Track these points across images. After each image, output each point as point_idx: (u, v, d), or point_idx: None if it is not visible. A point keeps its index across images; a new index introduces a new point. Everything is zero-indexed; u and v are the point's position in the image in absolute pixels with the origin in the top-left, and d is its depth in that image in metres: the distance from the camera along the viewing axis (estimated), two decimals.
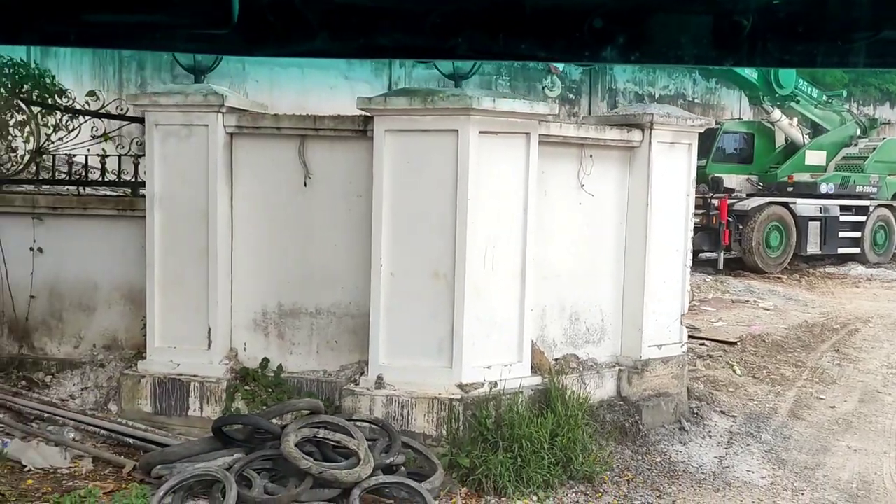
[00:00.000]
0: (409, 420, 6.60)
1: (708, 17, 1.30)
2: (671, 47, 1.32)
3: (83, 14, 1.17)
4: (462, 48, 1.31)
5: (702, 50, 1.31)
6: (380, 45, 1.32)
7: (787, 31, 1.29)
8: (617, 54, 1.31)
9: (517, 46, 1.32)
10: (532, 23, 1.30)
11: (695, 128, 7.94)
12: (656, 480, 6.73)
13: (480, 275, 6.74)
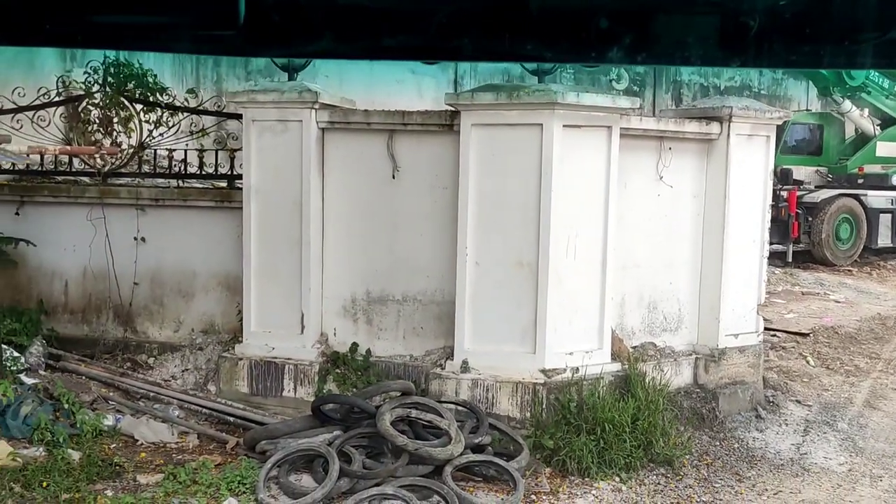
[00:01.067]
0: (493, 403, 6.87)
1: (714, 18, 1.29)
2: (678, 48, 1.32)
3: (90, 15, 1.18)
4: (467, 49, 1.32)
5: (708, 50, 1.31)
6: (385, 45, 1.30)
7: (794, 31, 1.29)
8: (623, 55, 1.32)
9: (523, 47, 1.32)
10: (537, 23, 1.29)
11: (773, 120, 8.04)
12: (735, 465, 6.89)
13: (563, 264, 6.97)
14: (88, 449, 6.34)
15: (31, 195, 8.08)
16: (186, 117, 8.07)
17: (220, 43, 1.29)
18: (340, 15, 1.28)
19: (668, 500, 6.17)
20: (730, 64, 1.39)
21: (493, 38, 1.32)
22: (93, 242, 8.03)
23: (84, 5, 1.18)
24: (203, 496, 5.69)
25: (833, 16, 1.29)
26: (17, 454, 6.07)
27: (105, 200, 7.98)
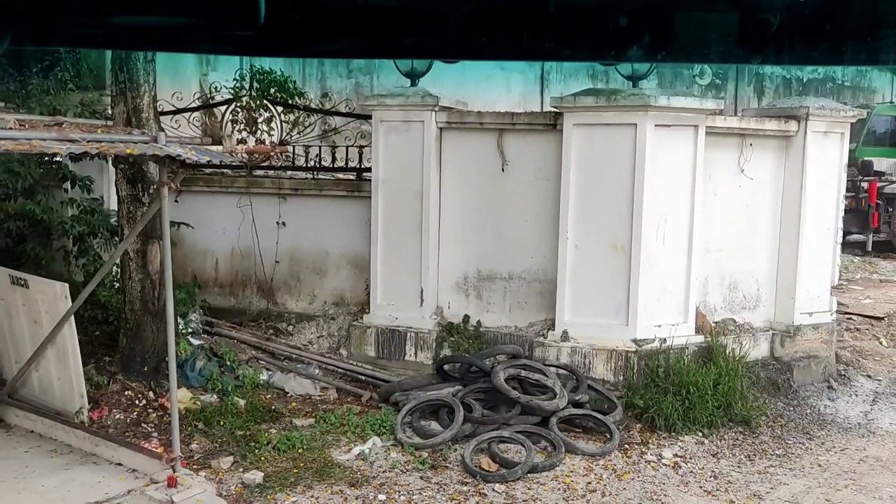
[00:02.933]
0: (590, 368, 7.89)
1: (734, 16, 1.30)
2: (697, 45, 1.33)
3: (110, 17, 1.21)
4: (487, 48, 1.33)
5: (728, 48, 1.32)
6: (404, 45, 1.35)
7: (815, 28, 1.29)
8: (643, 53, 1.34)
9: (542, 46, 1.33)
10: (556, 22, 1.29)
11: (847, 118, 8.81)
12: (806, 426, 7.76)
13: (653, 247, 7.92)
14: (250, 397, 7.61)
15: (187, 185, 9.34)
16: (321, 118, 9.27)
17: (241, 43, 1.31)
18: (360, 15, 1.29)
19: (744, 452, 7.10)
20: (749, 61, 1.46)
21: (512, 37, 1.32)
22: (240, 226, 9.31)
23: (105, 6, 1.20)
24: (352, 435, 6.89)
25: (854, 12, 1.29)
26: (197, 398, 7.38)
27: (251, 190, 9.26)
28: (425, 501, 5.91)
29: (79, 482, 5.91)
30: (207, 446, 6.68)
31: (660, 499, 6.14)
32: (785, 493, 6.33)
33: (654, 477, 6.53)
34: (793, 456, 7.11)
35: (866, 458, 7.11)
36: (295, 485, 6.01)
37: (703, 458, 6.93)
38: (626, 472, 6.56)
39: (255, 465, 6.28)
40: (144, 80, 7.14)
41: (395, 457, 6.56)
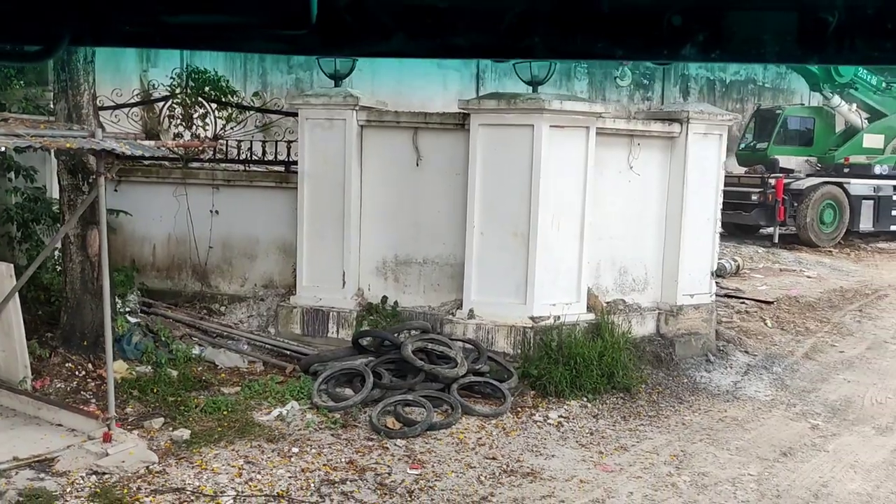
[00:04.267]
0: (492, 342, 8.81)
1: (791, 14, 1.27)
2: (753, 45, 1.29)
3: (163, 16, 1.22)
4: (538, 48, 1.31)
5: (785, 47, 1.29)
6: (455, 45, 1.33)
7: (876, 27, 1.25)
8: (696, 52, 1.30)
9: (594, 46, 1.31)
10: (609, 21, 1.28)
11: (725, 122, 9.88)
12: (680, 393, 8.80)
13: (549, 235, 8.88)
14: (182, 369, 8.37)
15: (126, 176, 10.08)
16: (252, 115, 10.04)
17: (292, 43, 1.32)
18: (411, 15, 1.29)
19: (621, 414, 8.10)
20: (807, 61, 1.35)
21: (564, 37, 1.31)
22: (176, 214, 10.04)
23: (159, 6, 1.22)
24: (273, 399, 7.72)
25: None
26: (133, 369, 8.12)
27: (187, 181, 9.99)
28: (333, 453, 6.77)
29: (23, 439, 6.63)
30: (141, 410, 7.44)
31: (539, 451, 7.09)
32: (648, 446, 7.33)
33: (537, 434, 7.48)
34: (662, 417, 8.13)
35: (725, 418, 8.17)
36: (218, 441, 6.82)
37: (584, 419, 7.91)
38: (514, 430, 7.51)
39: (183, 424, 7.07)
40: (84, 80, 7.83)
41: (311, 418, 7.41)
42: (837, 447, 7.46)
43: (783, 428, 7.96)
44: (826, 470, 6.91)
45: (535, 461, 6.88)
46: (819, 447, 7.45)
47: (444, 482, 6.40)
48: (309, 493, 6.09)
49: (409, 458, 6.81)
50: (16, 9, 1.24)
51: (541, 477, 6.58)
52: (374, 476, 6.42)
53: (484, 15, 1.30)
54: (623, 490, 6.39)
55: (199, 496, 5.92)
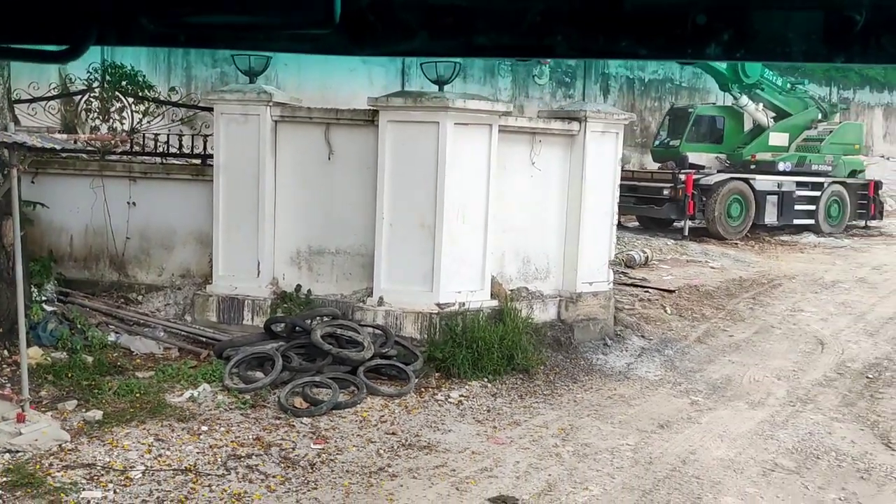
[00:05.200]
0: (401, 327, 9.28)
1: (818, 13, 1.25)
2: (778, 44, 1.28)
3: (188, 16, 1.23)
4: (560, 47, 1.31)
5: (811, 46, 1.27)
6: (478, 44, 1.32)
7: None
8: (721, 51, 1.29)
9: (616, 45, 1.30)
10: (632, 20, 1.27)
11: (621, 121, 10.53)
12: (576, 374, 9.42)
13: (455, 226, 9.39)
14: (98, 355, 8.65)
15: (44, 168, 10.24)
16: (168, 109, 10.31)
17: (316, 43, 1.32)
18: (434, 14, 1.29)
19: (518, 393, 8.67)
20: (833, 60, 1.32)
21: (586, 36, 1.30)
22: (93, 206, 10.24)
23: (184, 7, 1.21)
24: (185, 382, 8.07)
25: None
26: (48, 355, 8.37)
27: (104, 173, 10.20)
28: (242, 431, 7.17)
29: None
30: (55, 394, 7.72)
31: (437, 427, 7.60)
32: (539, 421, 7.91)
33: (438, 411, 7.99)
34: (557, 395, 8.73)
35: (614, 395, 8.81)
36: (130, 420, 7.16)
37: (483, 398, 8.45)
38: (416, 408, 8.01)
39: (96, 406, 7.38)
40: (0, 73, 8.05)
41: (221, 399, 7.79)
42: (710, 420, 8.15)
43: (665, 404, 8.63)
44: (696, 439, 7.58)
45: (432, 436, 7.39)
46: (694, 420, 8.13)
47: (345, 455, 6.86)
48: (216, 467, 6.48)
49: (314, 434, 7.25)
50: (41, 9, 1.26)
51: (436, 450, 7.09)
52: (279, 451, 6.84)
53: (506, 14, 1.31)
54: (511, 460, 6.94)
55: (109, 471, 6.27)
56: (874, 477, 6.99)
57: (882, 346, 11.18)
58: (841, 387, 9.49)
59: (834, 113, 23.37)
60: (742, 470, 6.96)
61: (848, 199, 22.24)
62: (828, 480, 6.87)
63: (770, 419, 8.25)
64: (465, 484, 6.44)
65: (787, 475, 6.92)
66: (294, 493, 6.17)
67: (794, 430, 7.95)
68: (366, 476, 6.50)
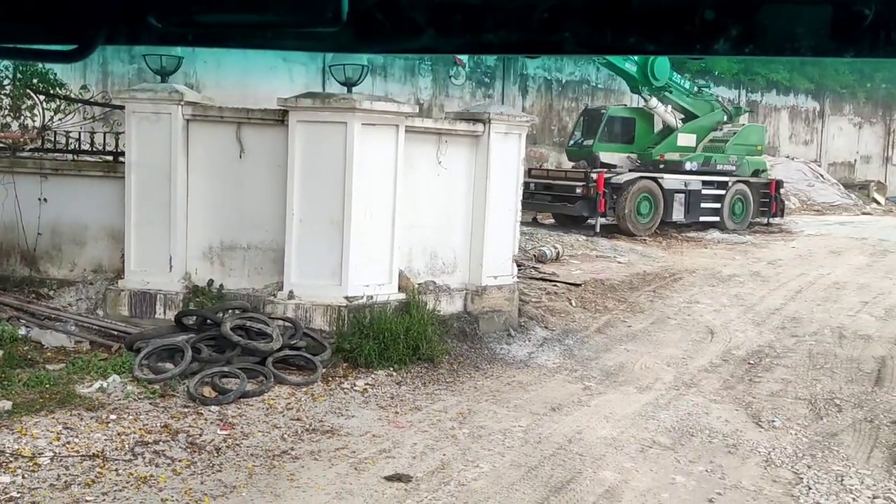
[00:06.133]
0: (310, 320, 9.64)
1: (826, 8, 1.24)
2: (787, 39, 1.27)
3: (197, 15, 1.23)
4: (569, 43, 1.30)
5: (820, 41, 1.26)
6: (486, 41, 1.32)
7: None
8: (730, 47, 1.29)
9: (625, 40, 1.30)
10: (640, 16, 1.27)
11: (523, 123, 11.08)
12: (479, 363, 9.92)
13: (362, 223, 9.78)
14: (8, 349, 8.76)
15: None
16: (80, 106, 10.43)
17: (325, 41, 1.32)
18: (441, 11, 1.29)
19: (422, 381, 9.11)
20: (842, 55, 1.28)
21: (594, 32, 1.29)
22: (3, 202, 10.30)
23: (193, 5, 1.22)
24: (95, 374, 8.27)
25: None
26: None
27: (14, 169, 10.27)
28: (150, 419, 7.43)
29: None
30: None
31: (341, 413, 7.99)
32: (439, 406, 8.37)
33: (343, 399, 8.38)
34: (459, 382, 9.20)
35: (513, 382, 9.33)
36: (39, 410, 7.35)
37: (388, 386, 8.87)
38: (322, 396, 8.38)
39: (5, 397, 7.54)
40: None
41: (131, 389, 8.02)
42: (599, 403, 8.74)
43: (560, 389, 9.19)
44: (584, 421, 8.15)
45: (336, 421, 7.78)
46: (584, 403, 8.71)
47: (251, 440, 7.19)
48: (123, 453, 6.74)
49: (221, 421, 7.56)
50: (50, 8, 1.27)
51: (339, 434, 7.48)
52: (186, 437, 7.13)
53: (514, 11, 1.30)
54: (409, 442, 7.38)
55: (17, 457, 6.47)
56: (740, 451, 7.64)
57: (766, 335, 12.00)
58: (724, 372, 10.20)
59: (739, 115, 24.53)
60: (622, 447, 7.54)
61: (751, 198, 23.41)
62: (699, 455, 7.49)
63: (654, 402, 8.88)
64: (364, 464, 6.85)
65: (662, 451, 7.52)
66: (199, 475, 6.48)
67: (674, 411, 8.58)
68: (269, 459, 6.85)
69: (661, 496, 6.62)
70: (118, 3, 1.26)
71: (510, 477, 6.79)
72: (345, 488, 6.40)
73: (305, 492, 6.32)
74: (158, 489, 6.20)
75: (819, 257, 19.22)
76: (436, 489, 6.48)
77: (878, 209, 32.55)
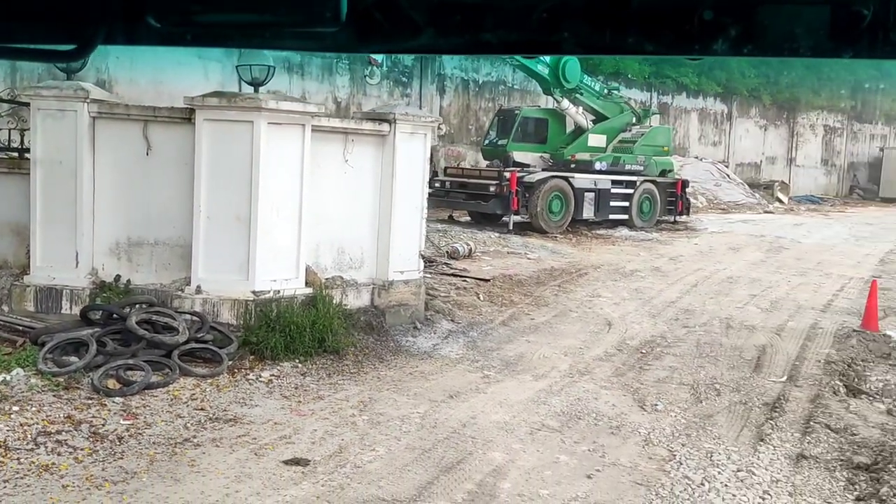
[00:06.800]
0: (218, 314, 9.85)
1: (825, 8, 1.25)
2: (786, 39, 1.28)
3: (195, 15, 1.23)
4: (568, 43, 1.31)
5: (818, 42, 1.26)
6: (485, 41, 1.32)
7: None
8: (728, 47, 1.29)
9: (624, 41, 1.30)
10: (639, 16, 1.28)
11: (428, 123, 11.50)
12: (384, 355, 10.29)
13: (269, 219, 10.04)
14: None
15: None
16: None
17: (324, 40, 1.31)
18: (440, 11, 1.29)
19: (327, 372, 9.43)
20: (841, 55, 1.28)
21: (594, 33, 1.30)
22: None
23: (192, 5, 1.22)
24: None
25: None
26: None
27: None
28: (53, 411, 7.58)
29: None
30: None
31: (245, 402, 8.26)
32: (342, 395, 8.71)
33: (248, 389, 8.65)
34: (363, 373, 9.56)
35: (415, 372, 9.73)
36: None
37: (293, 377, 9.16)
38: (227, 387, 8.63)
39: None
40: None
41: (35, 382, 8.13)
42: (496, 390, 9.21)
43: (459, 378, 9.63)
44: (479, 406, 8.60)
45: (239, 410, 8.05)
46: (481, 390, 9.16)
47: (153, 429, 7.41)
48: (25, 443, 6.89)
49: (125, 412, 7.75)
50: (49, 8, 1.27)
51: (241, 422, 7.75)
52: (89, 427, 7.31)
53: (513, 11, 1.30)
54: (309, 428, 7.70)
55: None
56: (623, 432, 8.20)
57: (660, 326, 12.69)
58: (617, 361, 10.80)
59: (647, 117, 25.50)
60: (513, 430, 8.01)
61: (658, 197, 24.37)
62: (583, 436, 8.02)
63: (548, 388, 9.39)
64: (264, 450, 7.15)
65: (550, 433, 8.02)
66: (101, 462, 6.68)
67: (565, 397, 9.11)
68: (171, 447, 7.09)
69: (544, 474, 7.10)
70: (117, 3, 1.27)
71: (404, 459, 7.18)
72: (244, 472, 6.70)
73: (205, 476, 6.59)
74: (60, 476, 6.39)
75: (718, 253, 20.21)
76: (332, 471, 6.83)
77: (781, 208, 34.15)
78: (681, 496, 6.79)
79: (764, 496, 6.89)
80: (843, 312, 13.82)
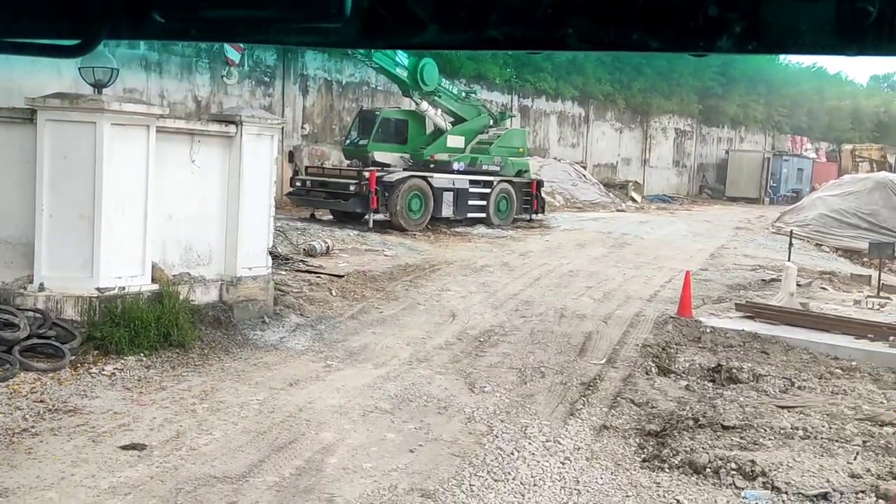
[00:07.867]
0: (62, 311, 10.01)
1: (830, 4, 1.24)
2: (791, 36, 1.27)
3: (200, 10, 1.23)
4: (572, 39, 1.30)
5: (823, 38, 1.26)
6: (489, 37, 1.31)
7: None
8: (733, 44, 1.28)
9: (628, 37, 1.30)
10: (643, 12, 1.27)
11: (275, 125, 11.98)
12: (230, 348, 10.70)
13: (114, 217, 10.27)
14: None
15: None
16: None
17: (328, 36, 1.31)
18: (444, 7, 1.29)
19: (172, 365, 9.77)
20: (845, 52, 1.27)
21: (598, 29, 1.29)
22: None
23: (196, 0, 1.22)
24: None
25: None
26: None
27: None
28: None
29: None
30: None
31: (86, 394, 8.54)
32: (185, 386, 9.09)
33: (90, 382, 8.91)
34: (207, 365, 9.95)
35: (259, 363, 10.20)
36: None
37: (137, 370, 9.46)
38: (69, 381, 8.86)
39: None
40: None
41: None
42: (335, 378, 9.80)
43: (302, 368, 10.16)
44: (317, 393, 9.17)
45: (80, 402, 8.32)
46: (321, 378, 9.74)
47: None
48: None
49: None
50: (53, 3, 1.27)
51: (81, 412, 8.04)
52: None
53: (517, 6, 1.30)
54: (148, 417, 8.07)
55: None
56: (449, 412, 8.95)
57: (500, 317, 13.60)
58: (456, 349, 11.59)
59: (504, 119, 26.65)
60: (347, 413, 8.63)
61: (514, 196, 25.52)
62: (412, 416, 8.72)
63: (385, 375, 10.05)
64: (102, 437, 7.49)
65: (381, 414, 8.68)
66: None
67: (401, 382, 9.79)
68: (8, 437, 7.33)
69: (371, 450, 7.75)
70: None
71: (239, 441, 7.68)
72: (80, 458, 7.03)
73: (42, 462, 6.89)
74: None
75: (566, 249, 21.48)
76: (168, 454, 7.25)
77: (632, 206, 36.20)
78: (491, 464, 7.58)
79: (565, 462, 7.77)
80: (666, 301, 15.14)
